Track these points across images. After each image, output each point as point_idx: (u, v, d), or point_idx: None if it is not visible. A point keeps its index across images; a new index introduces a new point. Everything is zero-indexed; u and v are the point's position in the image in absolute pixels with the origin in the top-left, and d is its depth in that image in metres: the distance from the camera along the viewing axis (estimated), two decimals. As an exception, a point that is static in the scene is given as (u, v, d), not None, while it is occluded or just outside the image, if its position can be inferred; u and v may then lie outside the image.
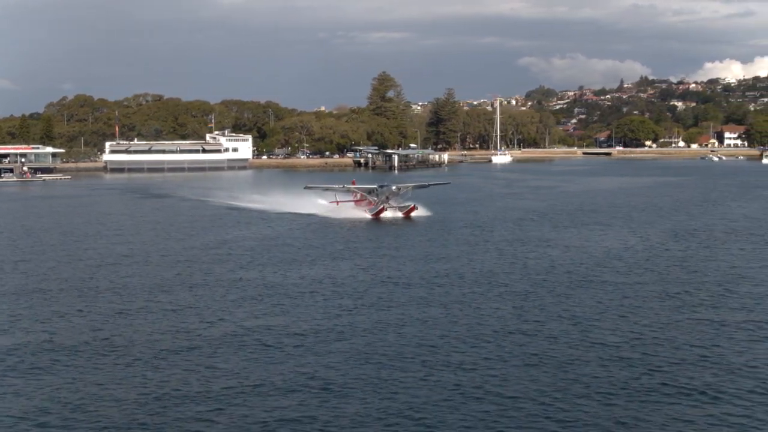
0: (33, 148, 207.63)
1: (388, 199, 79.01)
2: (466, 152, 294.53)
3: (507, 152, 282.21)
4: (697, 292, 41.35)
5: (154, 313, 37.87)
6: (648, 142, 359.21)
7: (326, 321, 35.62)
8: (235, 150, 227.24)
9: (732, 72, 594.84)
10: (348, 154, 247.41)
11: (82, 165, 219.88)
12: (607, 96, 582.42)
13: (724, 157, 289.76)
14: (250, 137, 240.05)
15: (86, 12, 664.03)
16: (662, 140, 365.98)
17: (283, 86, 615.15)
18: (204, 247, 60.57)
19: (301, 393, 25.94)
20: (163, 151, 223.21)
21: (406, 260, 52.94)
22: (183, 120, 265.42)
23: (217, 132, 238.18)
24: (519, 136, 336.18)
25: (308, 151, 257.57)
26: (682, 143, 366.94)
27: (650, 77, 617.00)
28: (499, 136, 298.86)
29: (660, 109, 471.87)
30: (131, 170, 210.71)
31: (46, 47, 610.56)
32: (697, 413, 23.86)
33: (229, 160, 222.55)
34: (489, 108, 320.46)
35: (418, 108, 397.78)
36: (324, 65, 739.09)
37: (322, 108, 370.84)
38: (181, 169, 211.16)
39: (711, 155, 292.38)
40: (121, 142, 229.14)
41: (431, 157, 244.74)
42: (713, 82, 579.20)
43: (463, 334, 33.17)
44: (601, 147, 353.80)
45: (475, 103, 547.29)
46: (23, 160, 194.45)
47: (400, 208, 78.92)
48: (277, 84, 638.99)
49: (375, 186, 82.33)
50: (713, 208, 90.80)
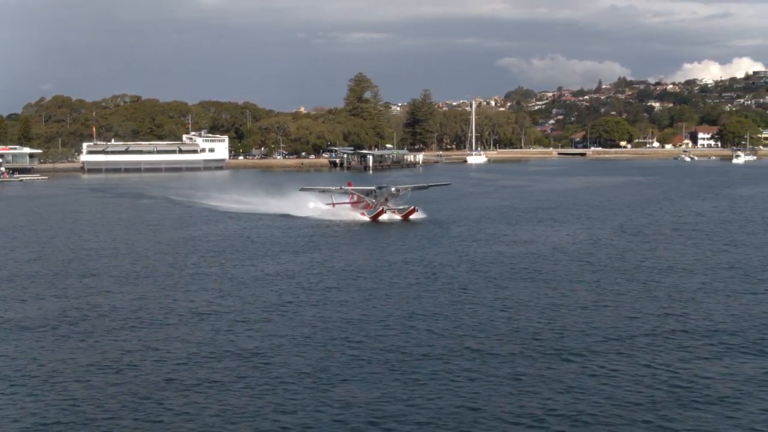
0: (10, 148, 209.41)
1: (386, 201, 77.32)
2: (441, 153, 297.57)
3: (482, 153, 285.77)
4: (626, 282, 44.15)
5: (116, 299, 40.54)
6: (623, 143, 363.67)
7: (270, 308, 38.32)
8: (211, 150, 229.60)
9: (710, 73, 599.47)
10: (324, 155, 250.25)
11: (59, 165, 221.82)
12: (586, 97, 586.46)
13: (696, 158, 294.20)
14: (226, 138, 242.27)
15: (65, 12, 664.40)
16: (637, 141, 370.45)
17: (263, 87, 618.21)
18: (179, 246, 63.03)
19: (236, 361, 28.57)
20: (140, 152, 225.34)
21: (359, 253, 55.61)
22: (160, 121, 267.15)
23: (193, 133, 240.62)
24: (495, 136, 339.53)
25: (285, 152, 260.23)
26: (656, 144, 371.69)
27: (629, 78, 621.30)
28: (474, 137, 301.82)
29: (637, 109, 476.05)
30: (108, 171, 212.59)
31: (25, 48, 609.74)
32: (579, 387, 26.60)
33: (205, 160, 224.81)
34: (468, 109, 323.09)
35: (398, 109, 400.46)
36: (304, 66, 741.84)
37: (302, 109, 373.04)
38: (158, 170, 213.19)
39: (683, 155, 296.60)
40: (99, 142, 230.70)
41: (406, 157, 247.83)
42: (690, 83, 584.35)
43: (394, 318, 35.90)
44: (576, 147, 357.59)
45: (454, 103, 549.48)
46: (0, 160, 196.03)
47: (398, 210, 77.23)
48: (256, 85, 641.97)
49: (373, 187, 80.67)
50: (669, 206, 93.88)
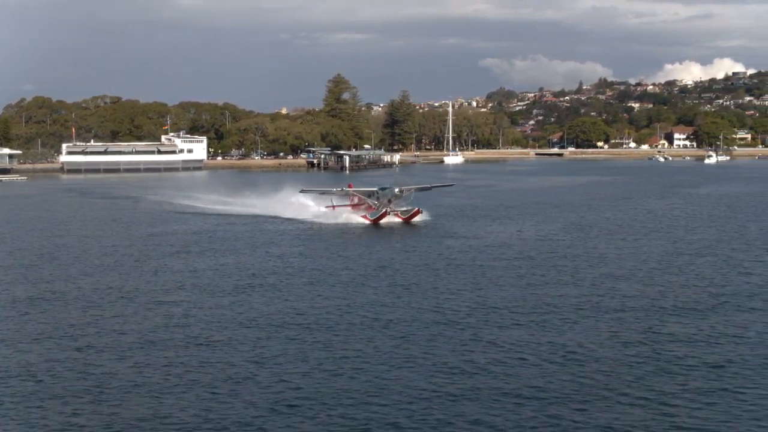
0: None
1: (389, 203, 74.61)
2: (419, 153, 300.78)
3: (459, 153, 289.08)
4: (556, 275, 47.07)
5: (79, 290, 43.32)
6: (600, 143, 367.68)
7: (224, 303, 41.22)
8: (190, 151, 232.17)
9: (691, 73, 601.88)
10: (302, 155, 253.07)
11: (39, 166, 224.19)
12: (567, 98, 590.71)
13: (670, 158, 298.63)
14: (204, 138, 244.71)
15: (47, 12, 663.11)
16: (613, 141, 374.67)
17: (246, 88, 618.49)
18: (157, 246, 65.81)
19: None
20: (119, 153, 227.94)
21: (305, 253, 58.40)
22: (139, 122, 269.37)
23: (172, 133, 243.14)
24: (474, 137, 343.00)
25: (263, 152, 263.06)
26: (633, 144, 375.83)
27: (610, 79, 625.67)
28: (451, 138, 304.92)
29: (617, 110, 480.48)
30: (88, 171, 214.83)
31: (6, 48, 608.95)
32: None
33: (184, 161, 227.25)
34: (450, 109, 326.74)
35: (380, 109, 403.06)
36: (287, 67, 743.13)
37: (284, 110, 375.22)
38: (137, 170, 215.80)
39: (658, 156, 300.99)
40: (78, 143, 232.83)
41: (383, 157, 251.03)
42: (670, 83, 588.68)
43: (332, 310, 38.82)
44: (554, 148, 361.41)
45: (436, 104, 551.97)
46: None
47: (401, 213, 74.68)
48: (239, 85, 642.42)
49: (375, 189, 77.47)
50: (624, 204, 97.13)
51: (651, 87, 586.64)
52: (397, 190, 75.52)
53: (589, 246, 59.26)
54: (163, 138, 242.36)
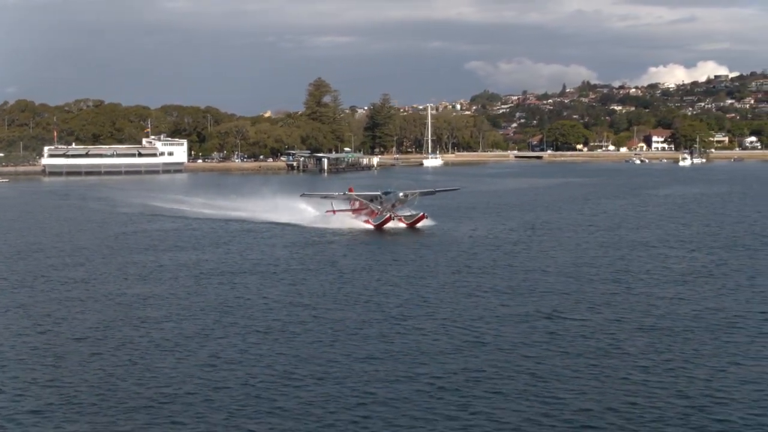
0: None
1: (393, 208, 72.74)
2: (398, 156, 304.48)
3: (438, 156, 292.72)
4: (491, 269, 50.44)
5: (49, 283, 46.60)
6: (579, 146, 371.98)
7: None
8: (170, 154, 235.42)
9: (675, 76, 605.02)
10: (282, 158, 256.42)
11: (21, 168, 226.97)
12: (550, 101, 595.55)
13: (647, 160, 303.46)
14: (185, 141, 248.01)
15: (30, 15, 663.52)
16: (592, 144, 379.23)
17: (231, 90, 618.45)
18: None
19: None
20: (100, 155, 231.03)
21: (255, 247, 61.69)
22: (120, 125, 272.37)
23: (153, 136, 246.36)
24: (454, 140, 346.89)
25: (243, 155, 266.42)
26: (612, 147, 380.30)
27: (594, 82, 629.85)
28: (430, 140, 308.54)
29: (599, 113, 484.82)
30: (69, 174, 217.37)
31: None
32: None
33: (164, 163, 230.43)
34: (428, 113, 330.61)
35: (363, 112, 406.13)
36: (272, 69, 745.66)
37: (268, 113, 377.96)
38: (118, 173, 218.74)
39: (634, 158, 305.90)
40: (59, 146, 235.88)
41: (362, 160, 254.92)
42: (653, 86, 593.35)
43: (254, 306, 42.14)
44: (534, 151, 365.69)
45: (420, 107, 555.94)
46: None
47: (406, 218, 73.01)
48: (224, 88, 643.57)
49: (378, 193, 75.00)
50: (582, 205, 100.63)
51: (633, 90, 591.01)
52: (401, 195, 73.35)
53: (533, 241, 62.79)
54: (144, 141, 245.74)
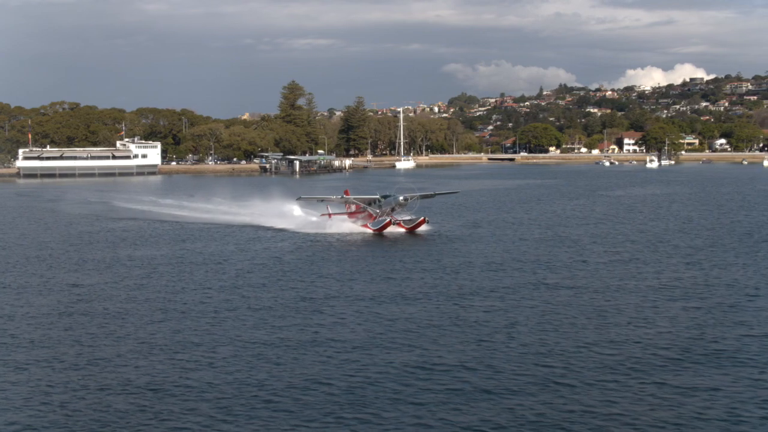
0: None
1: (393, 211, 70.77)
2: (371, 158, 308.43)
3: (410, 158, 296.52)
4: (413, 262, 54.04)
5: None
6: (551, 148, 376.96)
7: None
8: (144, 156, 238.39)
9: (653, 79, 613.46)
10: (255, 160, 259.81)
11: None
12: (527, 103, 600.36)
13: (616, 162, 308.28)
14: (158, 144, 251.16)
15: (7, 17, 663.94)
16: (565, 146, 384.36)
17: (209, 93, 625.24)
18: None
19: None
20: (75, 158, 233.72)
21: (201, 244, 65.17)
22: (94, 128, 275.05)
23: (127, 139, 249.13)
24: (428, 142, 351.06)
25: (217, 157, 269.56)
26: (584, 149, 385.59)
27: (571, 84, 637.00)
28: (402, 143, 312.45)
29: (575, 115, 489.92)
30: (44, 176, 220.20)
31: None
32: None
33: (138, 166, 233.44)
34: (401, 115, 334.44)
35: (341, 114, 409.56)
36: (250, 72, 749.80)
37: (246, 115, 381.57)
38: (92, 175, 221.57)
39: (604, 160, 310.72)
40: (34, 149, 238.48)
41: (334, 162, 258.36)
42: (629, 89, 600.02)
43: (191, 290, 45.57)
44: (507, 153, 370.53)
45: (398, 109, 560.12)
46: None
47: (404, 222, 70.89)
48: (201, 91, 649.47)
49: (377, 196, 72.74)
50: (534, 205, 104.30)
51: (610, 93, 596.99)
52: (401, 198, 70.76)
53: (471, 238, 66.38)
54: (118, 143, 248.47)
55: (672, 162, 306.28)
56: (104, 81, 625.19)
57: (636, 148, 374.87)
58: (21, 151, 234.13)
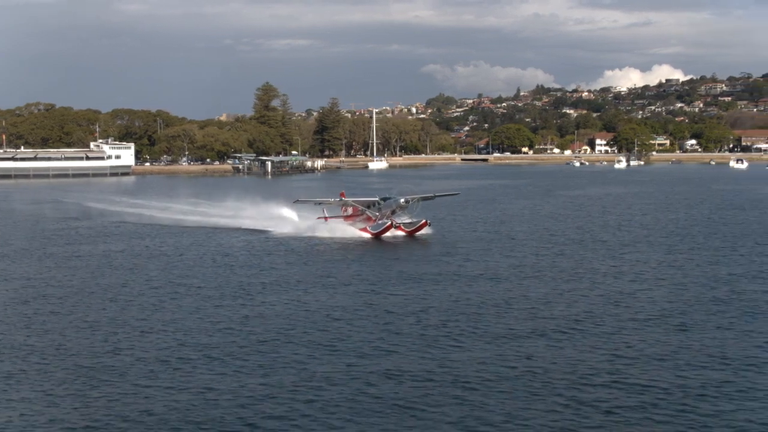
0: None
1: (393, 214, 68.60)
2: (344, 159, 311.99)
3: (383, 159, 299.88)
4: (358, 257, 57.52)
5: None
6: (524, 149, 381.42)
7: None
8: (118, 157, 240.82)
9: (631, 80, 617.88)
10: (228, 161, 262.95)
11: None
12: (504, 104, 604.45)
13: (587, 163, 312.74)
14: (132, 145, 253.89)
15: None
16: (538, 147, 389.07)
17: (187, 94, 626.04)
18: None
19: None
20: (49, 159, 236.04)
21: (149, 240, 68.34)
22: (69, 129, 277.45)
23: (101, 140, 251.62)
24: (402, 143, 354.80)
25: (190, 158, 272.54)
26: (557, 150, 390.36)
27: (550, 85, 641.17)
28: (375, 144, 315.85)
29: (549, 116, 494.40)
30: (18, 177, 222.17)
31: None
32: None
33: (112, 167, 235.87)
34: (373, 116, 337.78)
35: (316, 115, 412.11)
36: (229, 72, 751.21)
37: (224, 116, 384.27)
38: (66, 176, 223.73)
39: (575, 161, 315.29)
40: (8, 149, 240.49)
41: (306, 163, 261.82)
42: (605, 90, 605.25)
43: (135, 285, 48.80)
44: (480, 154, 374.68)
45: (376, 110, 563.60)
46: None
47: (404, 225, 68.68)
48: (180, 91, 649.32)
49: (376, 198, 70.36)
50: (488, 204, 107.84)
51: (586, 94, 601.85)
52: (402, 201, 68.82)
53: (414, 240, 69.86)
54: (92, 145, 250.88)
55: (641, 163, 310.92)
56: (81, 81, 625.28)
57: (608, 148, 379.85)
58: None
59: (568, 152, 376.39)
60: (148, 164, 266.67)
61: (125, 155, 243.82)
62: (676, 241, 64.95)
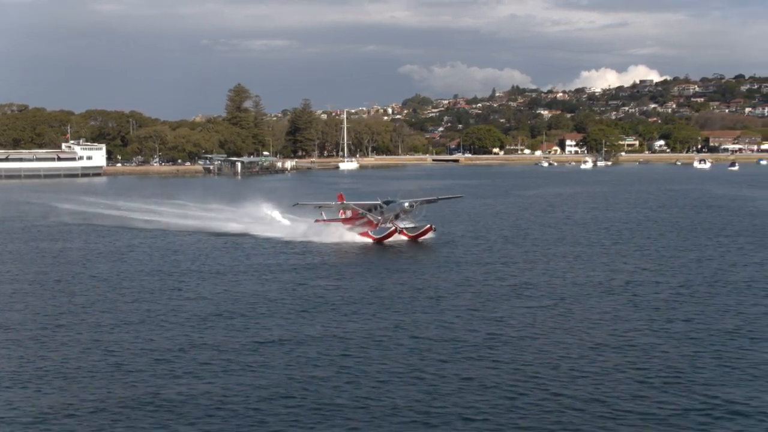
0: None
1: (396, 219, 66.51)
2: (315, 160, 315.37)
3: (354, 160, 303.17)
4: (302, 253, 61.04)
5: None
6: (495, 150, 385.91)
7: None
8: (89, 158, 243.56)
9: (607, 80, 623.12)
10: (199, 162, 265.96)
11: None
12: (479, 105, 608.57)
13: (555, 163, 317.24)
14: (104, 146, 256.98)
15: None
16: (508, 147, 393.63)
17: (163, 94, 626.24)
18: None
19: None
20: (21, 159, 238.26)
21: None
22: (41, 130, 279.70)
23: (72, 141, 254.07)
24: (374, 143, 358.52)
25: (162, 159, 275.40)
26: (527, 150, 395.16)
27: (526, 86, 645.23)
28: (346, 145, 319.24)
29: (525, 117, 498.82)
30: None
31: None
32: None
33: (83, 167, 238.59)
34: (344, 117, 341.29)
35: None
36: (205, 73, 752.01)
37: (200, 116, 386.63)
38: (38, 176, 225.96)
39: (543, 161, 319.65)
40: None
41: (277, 164, 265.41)
42: (579, 91, 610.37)
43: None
44: (451, 154, 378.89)
45: (353, 111, 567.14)
46: None
47: (407, 230, 66.58)
48: (156, 92, 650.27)
49: (378, 202, 67.89)
50: (439, 206, 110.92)
51: (561, 95, 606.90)
52: (406, 205, 66.70)
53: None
54: (64, 146, 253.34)
55: (609, 163, 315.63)
56: (56, 82, 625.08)
57: (577, 149, 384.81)
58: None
59: (538, 153, 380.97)
60: (119, 165, 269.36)
61: (96, 156, 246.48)
62: (602, 237, 69.00)
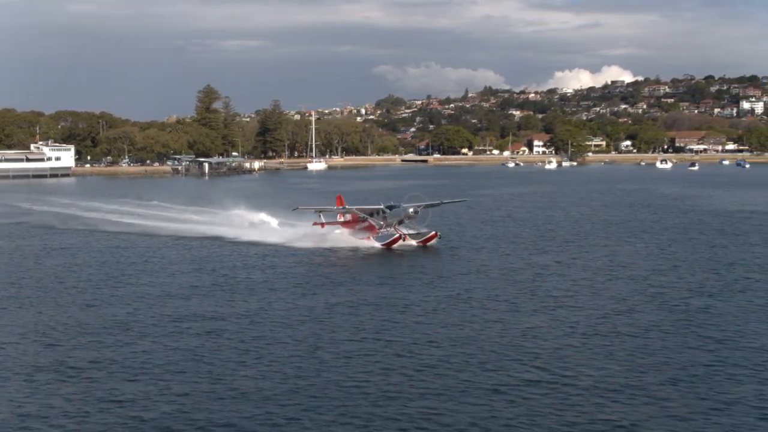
0: None
1: (400, 224, 64.80)
2: (283, 160, 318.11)
3: (322, 160, 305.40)
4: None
5: None
6: (464, 150, 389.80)
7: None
8: (57, 159, 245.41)
9: (581, 81, 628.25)
10: (168, 163, 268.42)
11: None
12: (452, 105, 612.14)
13: (522, 164, 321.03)
14: (72, 147, 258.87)
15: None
16: (477, 148, 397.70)
17: (135, 94, 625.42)
18: None
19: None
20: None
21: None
22: (10, 131, 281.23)
23: (41, 142, 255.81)
24: (344, 144, 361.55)
25: (130, 160, 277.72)
26: (496, 151, 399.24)
27: (500, 86, 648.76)
28: (314, 145, 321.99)
29: (497, 117, 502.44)
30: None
31: None
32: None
33: (51, 168, 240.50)
34: (312, 118, 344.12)
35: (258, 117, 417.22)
36: (179, 73, 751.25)
37: (174, 117, 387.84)
38: (6, 177, 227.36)
39: (509, 162, 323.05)
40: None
41: (244, 164, 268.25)
42: (551, 92, 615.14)
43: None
44: (421, 155, 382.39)
45: (326, 111, 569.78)
46: None
47: (411, 236, 64.68)
48: (129, 92, 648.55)
49: (381, 206, 65.72)
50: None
51: (533, 95, 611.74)
52: (411, 210, 64.90)
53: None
54: (32, 146, 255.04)
55: (575, 163, 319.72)
56: (27, 82, 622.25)
57: (545, 149, 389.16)
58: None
59: (506, 153, 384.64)
60: (88, 165, 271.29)
61: (65, 157, 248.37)
62: (533, 234, 72.82)
